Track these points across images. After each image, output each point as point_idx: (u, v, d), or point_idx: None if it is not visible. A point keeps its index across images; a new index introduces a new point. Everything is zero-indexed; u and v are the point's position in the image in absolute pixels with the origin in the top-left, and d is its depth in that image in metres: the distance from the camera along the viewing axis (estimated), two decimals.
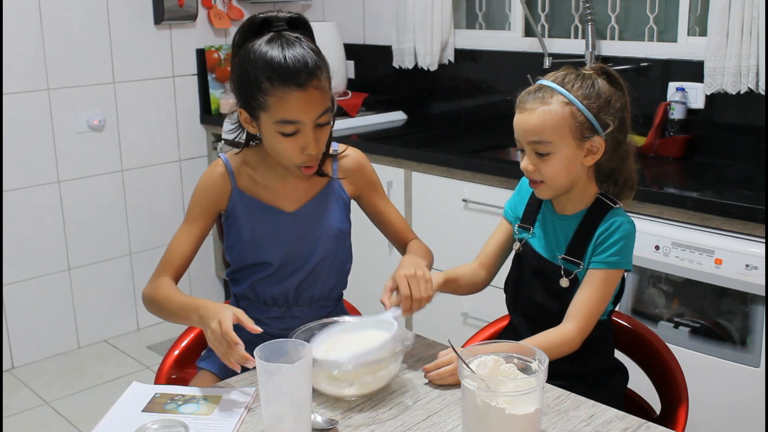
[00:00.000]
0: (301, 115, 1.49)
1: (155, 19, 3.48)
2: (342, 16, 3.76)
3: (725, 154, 2.63)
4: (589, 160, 1.51)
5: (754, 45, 2.44)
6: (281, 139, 1.52)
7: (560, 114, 1.47)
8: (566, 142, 1.48)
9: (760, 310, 2.07)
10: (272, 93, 1.48)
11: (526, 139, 1.51)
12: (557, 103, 1.48)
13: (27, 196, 3.24)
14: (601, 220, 1.53)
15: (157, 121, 3.59)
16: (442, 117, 3.50)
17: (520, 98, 1.55)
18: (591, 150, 1.50)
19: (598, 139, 1.49)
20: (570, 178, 1.52)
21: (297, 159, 1.54)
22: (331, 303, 1.73)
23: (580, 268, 1.54)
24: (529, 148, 1.51)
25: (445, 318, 2.83)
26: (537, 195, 1.59)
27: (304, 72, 1.47)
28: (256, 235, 1.63)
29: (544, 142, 1.48)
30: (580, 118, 1.48)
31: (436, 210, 2.87)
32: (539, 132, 1.48)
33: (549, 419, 1.34)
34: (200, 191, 1.65)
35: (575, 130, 1.48)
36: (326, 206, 1.68)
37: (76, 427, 2.86)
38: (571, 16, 3.09)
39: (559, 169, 1.50)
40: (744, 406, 2.13)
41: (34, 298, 3.33)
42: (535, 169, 1.52)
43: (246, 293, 1.69)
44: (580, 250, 1.54)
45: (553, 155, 1.49)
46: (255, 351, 1.23)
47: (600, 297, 1.52)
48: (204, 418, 1.34)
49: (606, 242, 1.51)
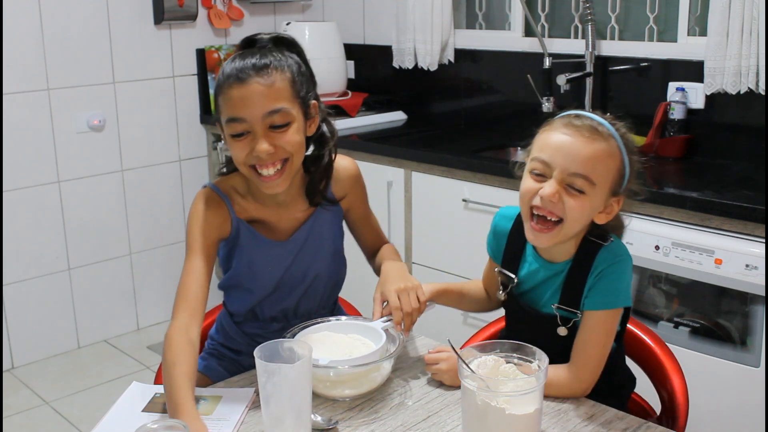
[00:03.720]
0: (242, 111, 1.44)
1: (155, 19, 3.48)
2: (342, 16, 3.76)
3: (725, 154, 2.63)
4: (602, 218, 1.38)
5: (754, 45, 2.44)
6: (233, 143, 1.48)
7: (613, 158, 1.33)
8: (603, 189, 1.34)
9: (760, 310, 2.07)
10: (221, 93, 1.47)
11: (568, 168, 1.32)
12: (613, 147, 1.34)
13: (27, 196, 3.24)
14: (593, 263, 1.40)
15: (157, 121, 3.59)
16: (442, 117, 3.50)
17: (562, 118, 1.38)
18: (609, 208, 1.38)
19: (621, 200, 1.38)
20: (581, 227, 1.38)
21: (249, 160, 1.47)
22: (328, 310, 1.72)
23: (578, 316, 1.42)
24: (563, 179, 1.33)
25: (445, 318, 2.82)
26: (535, 242, 1.41)
27: (250, 69, 1.45)
28: (254, 267, 1.60)
29: (589, 179, 1.32)
30: (623, 172, 1.36)
31: (436, 210, 2.87)
32: (590, 166, 1.31)
33: (549, 419, 1.33)
34: (200, 221, 1.55)
35: (615, 182, 1.35)
36: (320, 228, 1.65)
37: (76, 427, 2.86)
38: (571, 16, 3.09)
39: (583, 214, 1.34)
40: (744, 406, 2.13)
41: (34, 298, 3.33)
42: (559, 202, 1.34)
43: (244, 313, 1.67)
44: (574, 298, 1.42)
45: (587, 196, 1.33)
46: (255, 351, 1.23)
47: (602, 340, 1.40)
48: (204, 418, 1.34)
49: (599, 283, 1.39)
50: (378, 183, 2.98)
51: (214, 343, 1.73)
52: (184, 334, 1.41)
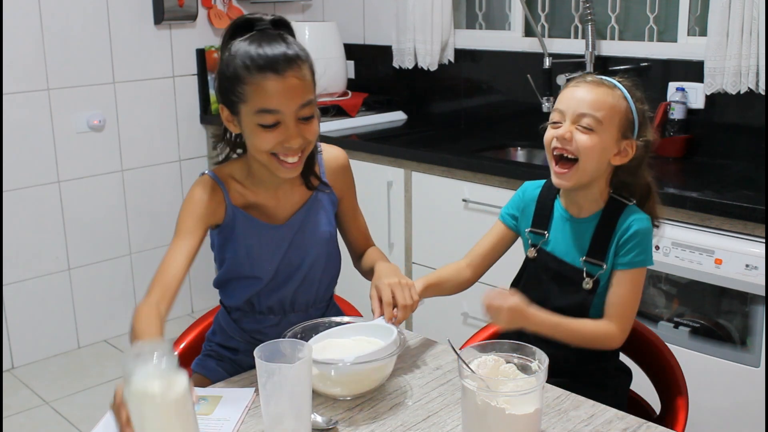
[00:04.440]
0: (279, 104, 1.45)
1: (155, 19, 3.48)
2: (342, 16, 3.76)
3: (725, 154, 2.63)
4: (617, 160, 1.53)
5: (754, 45, 2.44)
6: (261, 133, 1.48)
7: (618, 103, 1.52)
8: (611, 129, 1.51)
9: (760, 310, 2.07)
10: (250, 81, 1.45)
11: (577, 110, 1.51)
12: (618, 95, 1.53)
13: (27, 196, 3.24)
14: (618, 219, 1.55)
15: (157, 121, 3.59)
16: (442, 117, 3.50)
17: (577, 78, 1.59)
18: (622, 150, 1.53)
19: (633, 143, 1.53)
20: (598, 167, 1.52)
21: (273, 148, 1.49)
22: (324, 304, 1.73)
23: (603, 269, 1.55)
24: (574, 120, 1.51)
25: (445, 318, 2.83)
26: (560, 183, 1.55)
27: (283, 59, 1.45)
28: (251, 252, 1.61)
29: (595, 117, 1.50)
30: (630, 117, 1.53)
31: (436, 210, 2.87)
32: (595, 106, 1.50)
33: (549, 419, 1.34)
34: (192, 205, 1.57)
35: (622, 124, 1.52)
36: (316, 213, 1.66)
37: (76, 427, 2.86)
38: (571, 16, 3.09)
39: (594, 149, 1.50)
40: (744, 406, 2.13)
41: (34, 298, 3.33)
42: (572, 140, 1.51)
43: (240, 306, 1.68)
44: (601, 252, 1.55)
45: (596, 134, 1.50)
46: (255, 351, 1.23)
47: (634, 296, 1.54)
48: (204, 418, 1.34)
49: (629, 243, 1.53)
50: (378, 183, 2.98)
51: (212, 344, 1.73)
52: (155, 308, 1.42)
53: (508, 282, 1.73)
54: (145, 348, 1.11)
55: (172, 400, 1.09)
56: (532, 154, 3.08)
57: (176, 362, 1.10)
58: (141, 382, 1.07)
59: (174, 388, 1.08)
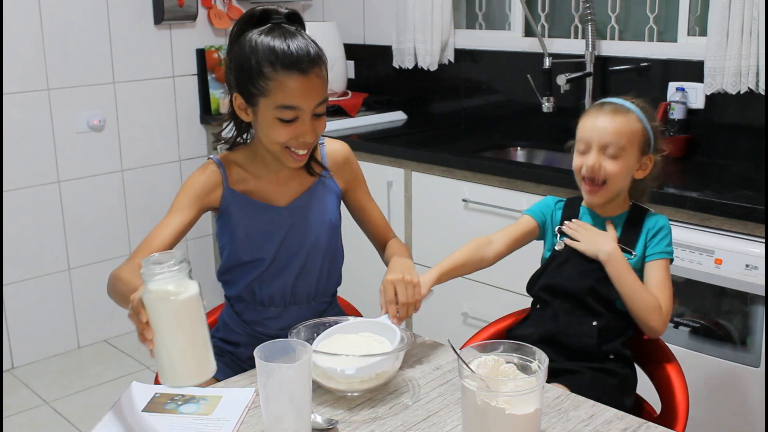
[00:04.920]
0: (301, 101, 1.51)
1: (155, 19, 3.48)
2: (342, 16, 3.76)
3: (725, 154, 2.62)
4: (640, 174, 1.71)
5: (754, 45, 2.44)
6: (279, 127, 1.53)
7: (635, 127, 1.68)
8: (633, 151, 1.67)
9: (760, 310, 2.07)
10: (274, 78, 1.50)
11: (602, 140, 1.66)
12: (633, 118, 1.68)
13: (27, 196, 3.24)
14: (645, 218, 1.72)
15: (157, 121, 3.59)
16: (442, 117, 3.50)
17: (594, 106, 1.74)
18: (643, 165, 1.70)
19: (651, 158, 1.70)
20: (624, 184, 1.70)
21: (288, 142, 1.55)
22: (326, 300, 1.73)
23: (632, 256, 1.68)
24: (600, 148, 1.67)
25: (445, 318, 2.83)
26: (592, 201, 1.72)
27: (307, 59, 1.50)
28: (251, 232, 1.64)
29: (618, 146, 1.66)
30: (647, 135, 1.69)
31: (436, 210, 2.87)
32: (618, 135, 1.66)
33: (549, 419, 1.34)
34: (190, 185, 1.64)
35: (641, 144, 1.68)
36: (318, 198, 1.69)
37: (76, 427, 2.86)
38: (571, 16, 3.09)
39: (621, 172, 1.67)
40: (744, 406, 2.13)
41: (34, 298, 3.33)
42: (601, 168, 1.66)
43: (242, 295, 1.69)
44: (632, 240, 1.70)
45: (621, 159, 1.67)
46: (255, 351, 1.23)
47: (669, 282, 1.68)
48: (204, 418, 1.34)
49: (659, 234, 1.70)
50: (378, 183, 2.98)
51: (215, 340, 1.74)
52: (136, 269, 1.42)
53: (511, 283, 1.73)
54: (163, 257, 1.21)
55: (187, 301, 1.19)
56: (532, 154, 3.08)
57: (190, 269, 1.21)
58: (160, 284, 1.18)
59: (188, 291, 1.19)
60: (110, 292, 1.53)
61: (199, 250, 3.83)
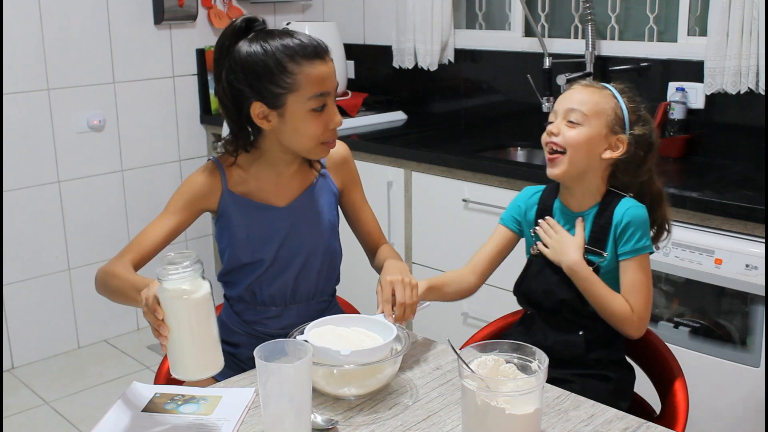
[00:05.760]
0: (329, 86, 1.56)
1: (155, 19, 3.48)
2: (342, 16, 3.76)
3: (725, 154, 2.63)
4: (607, 154, 1.60)
5: (754, 45, 2.44)
6: (312, 119, 1.55)
7: (604, 101, 1.61)
8: (597, 124, 1.59)
9: (760, 310, 2.07)
10: (299, 71, 1.52)
11: (564, 107, 1.62)
12: (606, 94, 1.63)
13: (27, 196, 3.24)
14: (614, 210, 1.61)
15: (157, 121, 3.59)
16: (442, 117, 3.50)
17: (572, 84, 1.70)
18: (613, 145, 1.60)
19: (622, 137, 1.60)
20: (586, 160, 1.60)
21: (323, 136, 1.58)
22: (326, 299, 1.73)
23: (603, 258, 1.61)
24: (563, 116, 1.62)
25: (445, 318, 2.83)
26: (551, 172, 1.64)
27: (320, 47, 1.56)
28: (251, 233, 1.64)
29: (580, 112, 1.60)
30: (619, 113, 1.61)
31: (436, 210, 2.87)
32: (580, 103, 1.60)
33: (549, 419, 1.34)
34: (187, 187, 1.65)
35: (610, 120, 1.60)
36: (318, 199, 1.70)
37: (76, 427, 2.86)
38: (571, 16, 3.09)
39: (581, 141, 1.59)
40: (744, 406, 2.13)
41: (34, 298, 3.33)
42: (560, 134, 1.61)
43: (242, 295, 1.69)
44: (601, 240, 1.61)
45: (582, 127, 1.59)
46: (255, 351, 1.23)
47: (644, 283, 1.59)
48: (204, 418, 1.34)
49: (627, 231, 1.59)
50: (378, 183, 2.98)
51: None
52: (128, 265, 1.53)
53: (510, 282, 1.73)
54: (178, 258, 1.27)
55: (200, 299, 1.26)
56: (532, 154, 3.08)
57: (203, 269, 1.28)
58: (176, 283, 1.25)
59: (201, 290, 1.27)
60: (101, 287, 1.57)
61: (199, 251, 3.83)
